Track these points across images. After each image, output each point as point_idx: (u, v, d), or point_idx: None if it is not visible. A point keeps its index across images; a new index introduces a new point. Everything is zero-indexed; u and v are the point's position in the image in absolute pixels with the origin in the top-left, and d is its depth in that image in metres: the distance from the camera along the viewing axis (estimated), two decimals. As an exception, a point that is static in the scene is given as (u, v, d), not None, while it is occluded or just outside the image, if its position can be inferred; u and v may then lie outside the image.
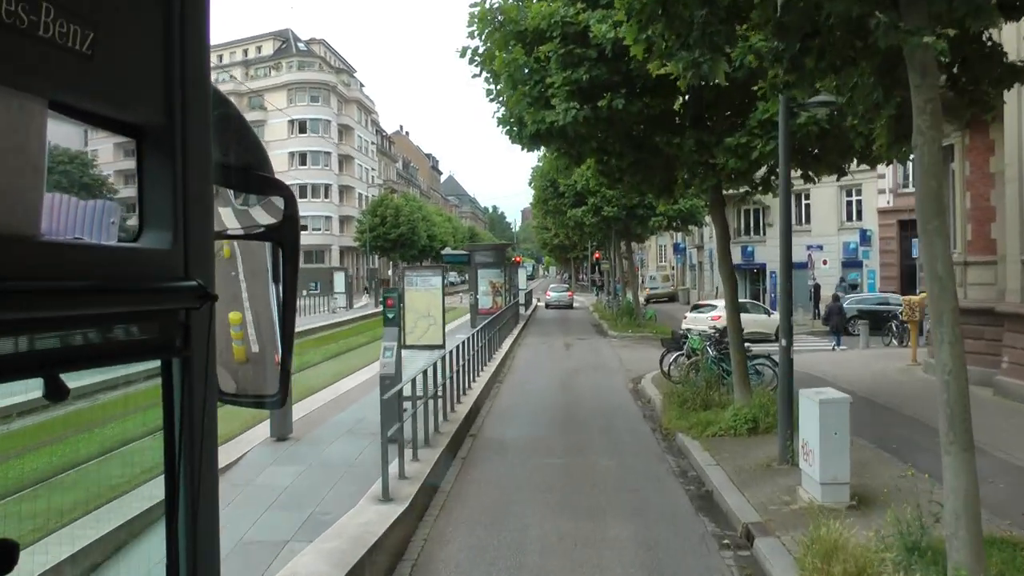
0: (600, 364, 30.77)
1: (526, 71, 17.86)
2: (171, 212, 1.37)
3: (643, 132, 18.42)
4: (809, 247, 47.82)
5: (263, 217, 1.86)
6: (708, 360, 21.43)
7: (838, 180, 28.87)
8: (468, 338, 24.33)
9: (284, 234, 1.82)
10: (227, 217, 1.89)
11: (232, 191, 1.89)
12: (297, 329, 2.11)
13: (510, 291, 49.83)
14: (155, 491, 1.48)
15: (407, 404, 14.42)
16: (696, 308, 39.52)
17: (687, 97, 18.53)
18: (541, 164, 47.58)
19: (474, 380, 23.90)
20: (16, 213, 1.12)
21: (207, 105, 1.48)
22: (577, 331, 45.87)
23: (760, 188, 19.47)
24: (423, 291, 18.89)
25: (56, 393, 1.15)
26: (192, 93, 1.41)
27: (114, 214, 1.67)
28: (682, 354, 23.99)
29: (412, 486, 12.74)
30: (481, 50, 18.77)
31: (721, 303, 37.59)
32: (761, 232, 55.85)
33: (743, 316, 34.67)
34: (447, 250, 61.61)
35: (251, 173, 1.82)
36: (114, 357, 1.33)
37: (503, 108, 18.97)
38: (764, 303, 54.71)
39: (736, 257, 58.46)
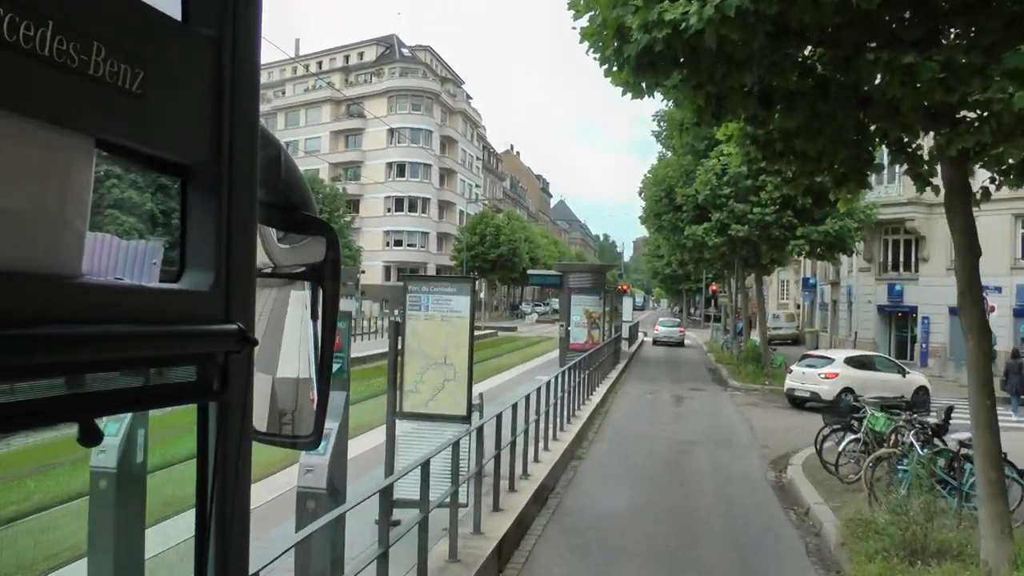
0: (724, 434, 22.45)
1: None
2: (214, 253, 1.36)
3: (831, 60, 10.32)
4: (985, 288, 38.11)
5: (304, 257, 1.83)
6: (915, 460, 13.00)
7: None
8: (537, 390, 16.65)
9: (325, 274, 1.79)
10: (269, 256, 1.87)
11: (275, 230, 1.87)
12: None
13: (612, 323, 41.69)
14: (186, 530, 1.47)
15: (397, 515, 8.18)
16: (806, 359, 29.47)
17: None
18: (655, 168, 38.94)
19: (538, 457, 15.91)
20: (59, 253, 1.12)
21: (254, 144, 1.45)
22: (690, 377, 37.36)
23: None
24: (439, 320, 10.99)
25: (91, 438, 1.15)
26: (240, 132, 1.38)
27: (156, 255, 1.54)
28: (855, 437, 15.60)
29: None
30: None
31: (841, 355, 28.22)
32: (912, 268, 46.34)
33: (868, 375, 25.34)
34: (535, 269, 52.93)
35: (295, 212, 1.79)
36: (150, 401, 1.36)
37: (593, 14, 10.90)
38: (913, 356, 45.44)
39: (881, 297, 49.41)
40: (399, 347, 10.81)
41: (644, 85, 10.79)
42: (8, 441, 9.79)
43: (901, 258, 47.28)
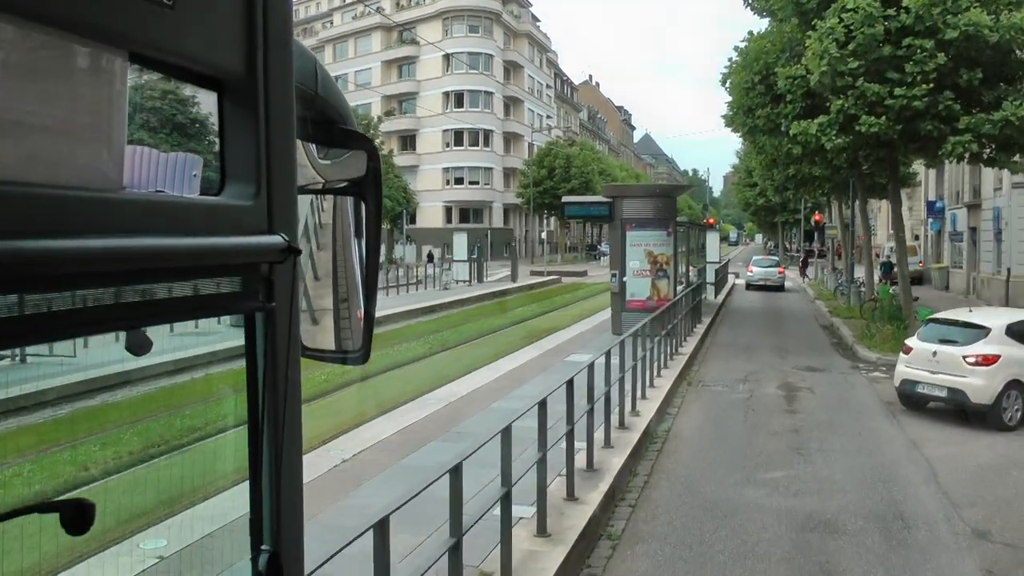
0: (887, 492, 11.42)
1: None
2: (254, 166, 1.37)
3: None
4: None
5: (346, 172, 1.86)
6: None
7: None
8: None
9: (367, 189, 1.83)
10: (310, 171, 1.89)
11: (315, 145, 1.88)
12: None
13: (691, 266, 31.07)
14: (239, 446, 1.48)
15: None
16: (933, 326, 16.83)
17: None
18: (747, 44, 26.55)
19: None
20: (98, 167, 1.15)
21: (289, 57, 1.46)
22: (801, 345, 25.92)
23: None
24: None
25: (138, 347, 1.26)
26: (274, 44, 1.39)
27: (196, 167, 1.60)
28: None
29: None
30: None
31: (998, 320, 15.38)
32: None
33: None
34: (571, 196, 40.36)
35: (334, 127, 1.82)
36: (196, 311, 1.35)
37: None
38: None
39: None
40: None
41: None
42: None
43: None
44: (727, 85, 27.24)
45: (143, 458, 11.37)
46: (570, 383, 9.91)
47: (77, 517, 1.11)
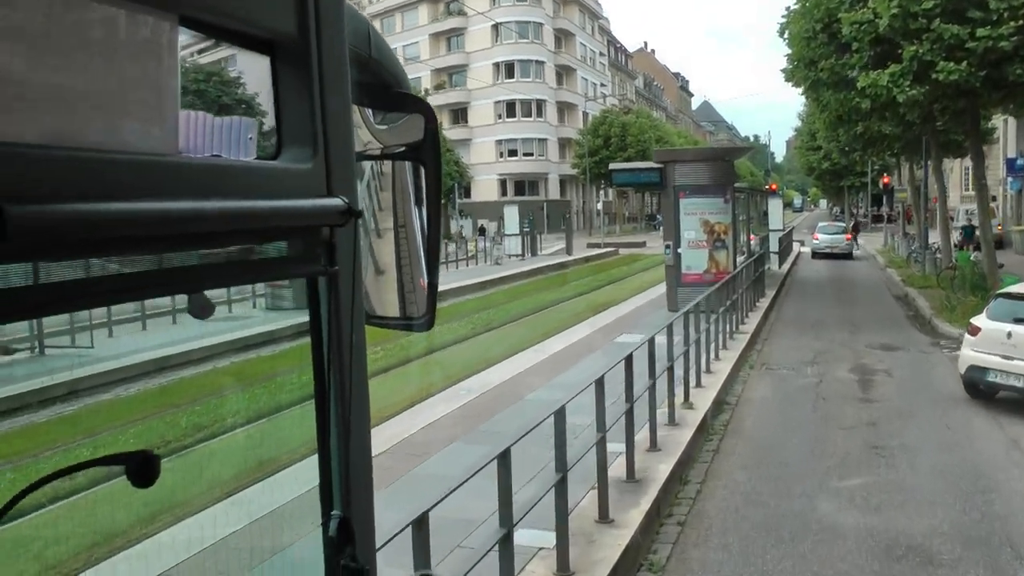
0: (991, 504, 9.40)
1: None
2: (310, 129, 1.35)
3: None
4: None
5: (403, 136, 1.79)
6: None
7: None
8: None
9: (425, 153, 1.76)
10: (367, 137, 1.85)
11: (370, 110, 1.83)
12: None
13: (751, 233, 29.18)
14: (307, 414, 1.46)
15: None
16: (1004, 301, 13.82)
17: None
18: None
19: None
20: (152, 132, 1.13)
21: (341, 17, 1.43)
22: (873, 320, 23.38)
23: None
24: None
25: (201, 310, 1.25)
26: (325, 5, 1.36)
27: (252, 130, 1.53)
28: None
29: None
30: None
31: None
32: None
33: None
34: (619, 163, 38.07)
35: (389, 91, 1.77)
36: (258, 274, 1.38)
37: None
38: None
39: None
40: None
41: None
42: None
43: None
44: (785, 36, 25.08)
45: (214, 432, 11.25)
46: (600, 382, 8.13)
47: (143, 468, 1.07)
